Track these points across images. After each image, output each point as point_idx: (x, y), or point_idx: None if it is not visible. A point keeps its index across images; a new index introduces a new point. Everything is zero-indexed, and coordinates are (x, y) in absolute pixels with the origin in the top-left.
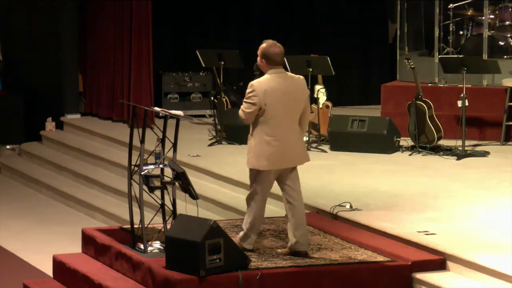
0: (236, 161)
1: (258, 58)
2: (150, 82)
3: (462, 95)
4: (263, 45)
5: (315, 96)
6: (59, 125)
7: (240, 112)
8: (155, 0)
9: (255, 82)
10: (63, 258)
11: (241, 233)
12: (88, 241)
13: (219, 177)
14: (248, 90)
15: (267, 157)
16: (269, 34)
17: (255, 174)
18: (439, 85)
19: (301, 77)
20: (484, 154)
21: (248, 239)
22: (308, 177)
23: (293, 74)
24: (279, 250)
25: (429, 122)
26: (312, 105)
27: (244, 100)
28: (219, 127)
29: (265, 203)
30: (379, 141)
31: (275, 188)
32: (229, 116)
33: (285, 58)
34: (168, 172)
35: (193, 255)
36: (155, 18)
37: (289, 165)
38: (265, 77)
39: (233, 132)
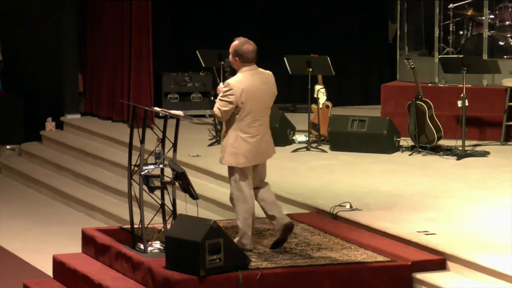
0: None
1: (230, 57)
2: (150, 82)
3: (462, 95)
4: (235, 42)
5: (315, 96)
6: (59, 125)
7: (216, 110)
8: (155, 0)
9: (232, 81)
10: (63, 258)
11: (239, 234)
12: (88, 241)
13: (219, 177)
14: (225, 89)
15: (244, 154)
16: (269, 34)
17: (235, 172)
18: (439, 85)
19: (270, 72)
20: (484, 154)
21: (247, 238)
22: (308, 177)
23: (263, 70)
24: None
25: (429, 122)
26: (312, 105)
27: (220, 98)
28: (219, 127)
29: (253, 196)
30: (379, 141)
31: (272, 187)
32: None
33: (286, 59)
34: (168, 172)
35: (193, 255)
36: (155, 18)
37: (263, 160)
38: (241, 75)
39: None
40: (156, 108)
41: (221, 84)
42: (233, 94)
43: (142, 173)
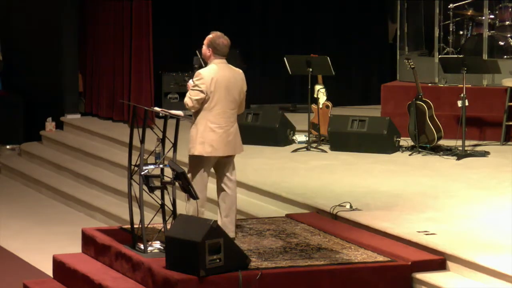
0: (236, 161)
1: (204, 47)
2: (150, 82)
3: (462, 95)
4: (211, 35)
5: (315, 96)
6: (59, 125)
7: (187, 99)
8: (155, 0)
9: (202, 71)
10: (63, 258)
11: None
12: (88, 241)
13: None
14: (195, 78)
15: (211, 144)
16: (269, 34)
17: (197, 161)
18: (439, 85)
19: (241, 70)
20: (484, 154)
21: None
22: (308, 177)
23: (233, 67)
24: None
25: (429, 122)
26: (312, 105)
27: (191, 88)
28: None
29: (206, 189)
30: (379, 141)
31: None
32: None
33: (286, 59)
34: (168, 172)
35: (193, 255)
36: (155, 18)
37: (230, 153)
38: (211, 66)
39: None
40: (156, 108)
41: (190, 81)
42: (204, 83)
43: (142, 173)
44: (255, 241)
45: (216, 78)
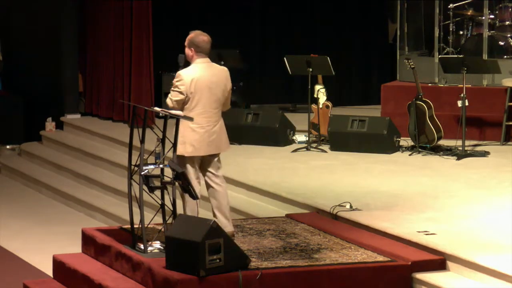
0: (236, 161)
1: (186, 49)
2: (150, 82)
3: (462, 95)
4: (191, 35)
5: (315, 96)
6: (59, 125)
7: (168, 100)
8: (155, 0)
9: (182, 72)
10: (63, 258)
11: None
12: (88, 241)
13: None
14: (175, 79)
15: (192, 144)
16: (269, 34)
17: (180, 160)
18: (439, 85)
19: (225, 68)
20: (484, 154)
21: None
22: (308, 177)
23: (217, 65)
24: None
25: (429, 122)
26: (312, 105)
27: (172, 88)
28: None
29: (198, 186)
30: (379, 141)
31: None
32: (229, 116)
33: (286, 59)
34: (168, 172)
35: (193, 255)
36: (155, 18)
37: (213, 152)
38: (192, 66)
39: (233, 132)
40: (156, 108)
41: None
42: (183, 84)
43: (142, 173)
44: (255, 241)
45: (197, 79)
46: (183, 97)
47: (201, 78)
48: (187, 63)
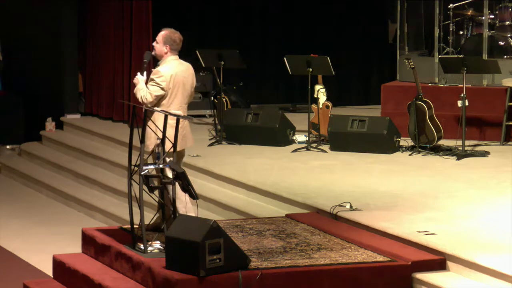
0: (236, 161)
1: (159, 44)
2: None
3: (462, 95)
4: (166, 32)
5: (315, 96)
6: (59, 125)
7: (147, 95)
8: (155, 0)
9: (160, 69)
10: (63, 258)
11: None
12: (88, 241)
13: (219, 177)
14: (155, 75)
15: (167, 140)
16: (269, 34)
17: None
18: (439, 85)
19: (190, 64)
20: (484, 154)
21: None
22: (308, 177)
23: (183, 61)
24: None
25: (429, 122)
26: (312, 105)
27: (151, 84)
28: (219, 127)
29: None
30: (379, 141)
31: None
32: (229, 116)
33: (286, 59)
34: (168, 172)
35: (193, 255)
36: (155, 18)
37: (184, 147)
38: (169, 63)
39: (233, 132)
40: (156, 108)
41: (138, 74)
42: (164, 81)
43: (142, 173)
44: (255, 241)
45: (175, 75)
46: (163, 93)
47: (177, 75)
48: (156, 61)
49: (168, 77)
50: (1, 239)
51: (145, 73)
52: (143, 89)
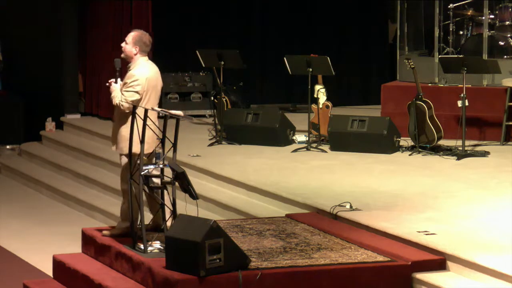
0: (236, 161)
1: (129, 46)
2: None
3: (462, 95)
4: (137, 33)
5: (315, 96)
6: (59, 125)
7: (121, 101)
8: (155, 0)
9: (136, 72)
10: (63, 258)
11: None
12: (88, 241)
13: (219, 177)
14: (130, 80)
15: (147, 141)
16: (269, 34)
17: (135, 159)
18: (439, 85)
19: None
20: (484, 154)
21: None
22: (308, 177)
23: (152, 62)
24: (106, 232)
25: (429, 122)
26: (312, 105)
27: (125, 89)
28: (219, 127)
29: None
30: (379, 141)
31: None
32: (229, 116)
33: (286, 59)
34: (168, 172)
35: (193, 255)
36: (155, 18)
37: (154, 148)
38: (142, 65)
39: (233, 132)
40: (156, 108)
41: (113, 83)
42: (139, 84)
43: (142, 173)
44: (255, 241)
45: (149, 78)
46: (139, 97)
47: (152, 76)
48: (121, 68)
49: (144, 81)
50: (1, 239)
51: (119, 79)
52: (118, 96)
